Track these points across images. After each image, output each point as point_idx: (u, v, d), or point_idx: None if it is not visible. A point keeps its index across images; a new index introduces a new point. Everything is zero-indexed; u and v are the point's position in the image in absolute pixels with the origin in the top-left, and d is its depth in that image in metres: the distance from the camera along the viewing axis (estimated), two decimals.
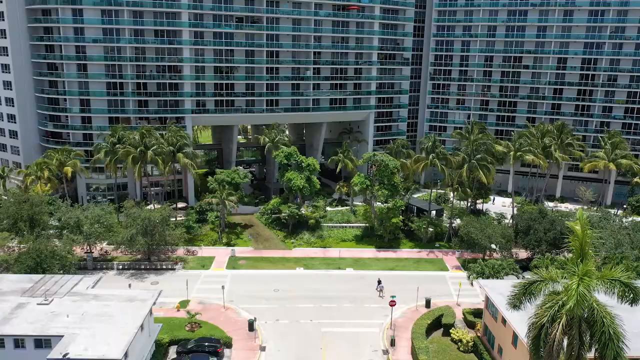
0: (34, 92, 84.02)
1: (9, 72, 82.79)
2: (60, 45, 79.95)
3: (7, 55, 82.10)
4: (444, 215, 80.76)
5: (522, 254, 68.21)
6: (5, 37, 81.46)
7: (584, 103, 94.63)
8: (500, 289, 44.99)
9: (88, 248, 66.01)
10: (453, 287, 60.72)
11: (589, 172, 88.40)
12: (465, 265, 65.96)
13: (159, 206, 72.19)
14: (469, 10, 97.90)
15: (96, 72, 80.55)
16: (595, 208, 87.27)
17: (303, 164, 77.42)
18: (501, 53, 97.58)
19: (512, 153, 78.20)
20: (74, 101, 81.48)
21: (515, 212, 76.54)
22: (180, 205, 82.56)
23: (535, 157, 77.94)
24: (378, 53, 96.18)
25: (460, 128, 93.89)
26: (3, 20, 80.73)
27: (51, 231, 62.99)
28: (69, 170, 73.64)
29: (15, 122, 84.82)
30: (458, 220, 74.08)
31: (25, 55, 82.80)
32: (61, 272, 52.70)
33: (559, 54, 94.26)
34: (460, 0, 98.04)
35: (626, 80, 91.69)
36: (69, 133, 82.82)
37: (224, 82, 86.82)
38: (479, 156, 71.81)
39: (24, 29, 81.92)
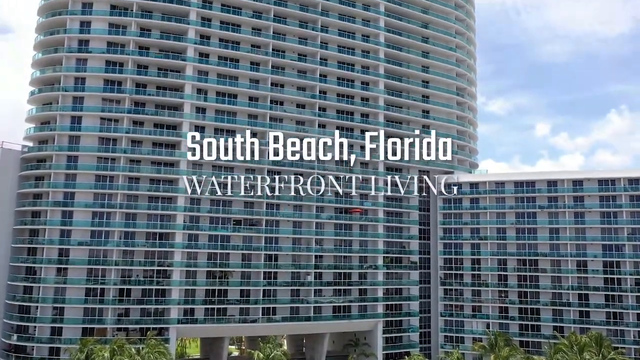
0: (5, 299, 75.82)
1: None
2: (43, 248, 74.44)
3: None
4: None
5: None
6: None
7: (614, 310, 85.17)
8: None
9: None
10: None
11: None
12: None
13: None
14: (475, 213, 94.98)
15: (76, 277, 73.62)
16: None
17: None
18: (514, 256, 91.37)
19: None
20: (46, 309, 72.62)
21: None
22: None
23: None
24: (383, 256, 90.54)
25: (480, 339, 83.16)
26: None
27: None
28: None
29: None
30: None
31: (5, 259, 76.76)
32: None
33: (577, 257, 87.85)
34: (465, 203, 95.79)
35: None
36: (33, 347, 72.16)
37: (217, 288, 79.21)
38: None
39: (9, 232, 77.35)
